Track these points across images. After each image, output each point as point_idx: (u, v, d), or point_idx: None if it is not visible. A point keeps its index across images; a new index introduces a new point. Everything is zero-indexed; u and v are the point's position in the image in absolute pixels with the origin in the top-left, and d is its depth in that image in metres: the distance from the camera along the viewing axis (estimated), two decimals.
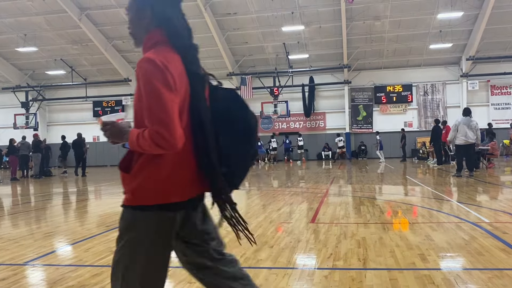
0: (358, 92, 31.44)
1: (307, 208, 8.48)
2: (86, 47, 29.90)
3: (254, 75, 30.31)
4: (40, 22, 27.41)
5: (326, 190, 11.55)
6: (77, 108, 34.88)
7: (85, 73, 32.68)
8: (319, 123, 32.09)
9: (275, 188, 12.57)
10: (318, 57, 30.38)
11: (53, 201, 11.65)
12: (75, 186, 16.40)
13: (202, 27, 27.26)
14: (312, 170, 21.04)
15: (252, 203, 9.47)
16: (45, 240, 6.12)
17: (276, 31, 27.58)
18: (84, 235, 6.38)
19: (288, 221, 7.11)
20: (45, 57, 31.10)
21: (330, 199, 9.77)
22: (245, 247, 5.24)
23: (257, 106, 31.05)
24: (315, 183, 13.75)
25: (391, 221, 7.01)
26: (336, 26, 27.07)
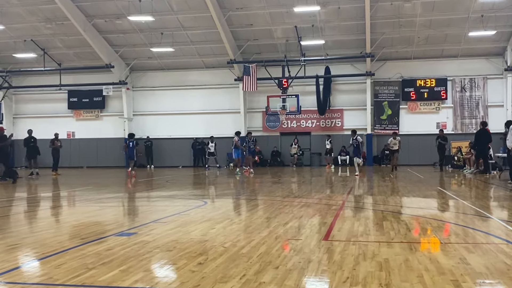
0: (383, 86, 31.43)
1: (319, 222, 8.47)
2: (61, 26, 29.98)
3: (260, 63, 30.34)
4: None
5: (343, 202, 11.53)
6: (49, 98, 35.00)
7: (59, 57, 32.77)
8: (336, 122, 32.09)
9: (281, 198, 12.57)
10: (336, 44, 30.38)
11: (18, 207, 11.68)
12: (45, 190, 16.44)
13: (199, 5, 27.35)
14: (326, 177, 21.02)
15: (254, 216, 9.47)
16: (8, 254, 6.13)
17: (287, 12, 27.60)
18: (55, 248, 6.39)
19: (296, 237, 7.09)
20: (13, 37, 31.21)
21: (347, 213, 9.75)
22: (246, 267, 5.24)
23: (263, 100, 31.11)
24: (329, 193, 13.73)
25: (419, 240, 6.96)
26: (358, 7, 27.06)
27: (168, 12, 28.24)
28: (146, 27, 29.60)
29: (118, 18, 28.99)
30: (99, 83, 33.26)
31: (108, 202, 12.22)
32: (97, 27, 30.17)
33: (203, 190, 15.77)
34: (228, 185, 17.25)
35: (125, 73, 33.57)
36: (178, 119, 33.27)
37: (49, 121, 33.96)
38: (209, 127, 32.44)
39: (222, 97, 33.05)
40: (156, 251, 6.15)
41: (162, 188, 16.70)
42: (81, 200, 13.27)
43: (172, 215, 9.74)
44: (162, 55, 32.32)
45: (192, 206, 10.98)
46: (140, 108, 34.35)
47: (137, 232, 7.51)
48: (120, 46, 31.96)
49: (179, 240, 6.89)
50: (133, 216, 10.08)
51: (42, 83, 34.07)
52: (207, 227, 7.98)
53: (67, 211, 11.34)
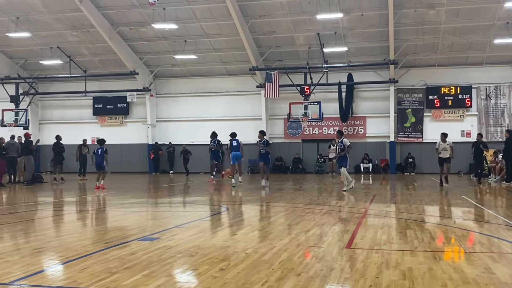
0: (406, 93, 31.18)
1: (341, 230, 8.43)
2: (87, 34, 30.46)
3: (282, 70, 30.35)
4: (35, 4, 28.06)
5: (365, 209, 11.46)
6: (74, 104, 35.52)
7: (85, 64, 33.28)
8: (358, 129, 31.90)
9: (303, 205, 12.53)
10: (359, 51, 30.27)
11: (44, 211, 11.85)
12: (70, 195, 16.66)
13: (222, 13, 27.53)
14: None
15: (275, 222, 9.46)
16: (33, 257, 6.23)
17: (309, 19, 27.62)
18: (79, 252, 6.47)
19: (318, 245, 7.08)
20: (40, 44, 31.80)
21: (370, 221, 9.69)
22: (267, 274, 5.23)
23: (284, 107, 31.09)
24: (351, 200, 13.66)
25: (443, 249, 6.90)
26: (382, 14, 26.95)
27: (192, 20, 28.48)
28: (170, 34, 29.88)
29: (143, 26, 29.33)
30: (123, 89, 33.63)
31: (131, 207, 12.33)
32: (122, 34, 30.57)
33: (225, 196, 15.80)
34: (250, 192, 17.26)
35: (149, 80, 33.91)
36: (201, 125, 33.42)
37: (74, 127, 34.43)
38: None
39: (244, 104, 33.14)
40: (179, 256, 6.18)
41: (183, 194, 16.79)
42: (105, 205, 13.41)
43: (194, 220, 9.78)
44: (185, 62, 32.57)
45: (213, 212, 11.02)
46: (164, 115, 34.62)
47: (159, 237, 7.57)
48: (144, 54, 32.30)
49: (201, 245, 6.92)
50: (156, 221, 10.14)
51: (67, 90, 34.58)
52: (228, 233, 8.00)
53: (91, 216, 11.48)
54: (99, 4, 28.00)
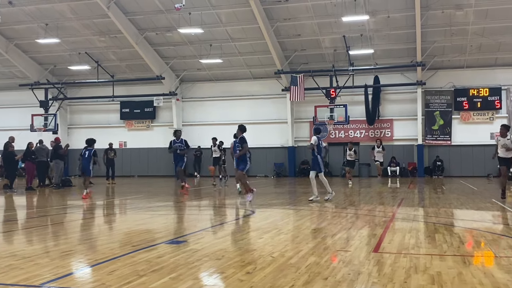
0: (434, 95, 30.79)
1: (369, 234, 8.36)
2: (114, 39, 30.90)
3: (307, 73, 30.29)
4: (63, 10, 28.59)
5: (393, 213, 11.34)
6: (102, 109, 36.03)
7: (112, 69, 33.74)
8: (385, 132, 31.61)
9: (329, 209, 12.46)
10: (386, 53, 30.02)
11: (72, 215, 12.04)
12: (98, 198, 16.87)
13: (247, 17, 27.63)
14: (376, 189, 20.72)
15: (302, 226, 9.43)
16: (63, 260, 6.32)
17: (335, 22, 27.51)
18: (107, 255, 6.55)
19: (345, 248, 7.03)
20: (68, 50, 32.37)
21: (398, 225, 9.59)
22: (294, 277, 5.22)
23: (310, 110, 31.00)
24: (379, 204, 13.53)
25: (473, 253, 6.80)
26: (408, 16, 26.68)
27: (217, 24, 28.65)
28: (196, 39, 30.10)
29: (169, 31, 29.62)
30: (150, 94, 33.99)
31: (158, 211, 12.44)
32: (149, 39, 30.91)
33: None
34: (276, 195, 17.25)
35: (175, 84, 34.19)
36: (226, 129, 33.43)
37: (102, 131, 34.87)
38: (256, 137, 32.54)
39: (269, 107, 33.15)
40: (205, 260, 6.20)
41: (210, 197, 16.87)
42: (132, 208, 13.56)
43: (220, 224, 9.82)
44: (210, 66, 32.76)
45: (240, 216, 11.04)
46: (190, 118, 34.86)
47: (186, 241, 7.61)
48: (171, 58, 32.60)
49: (227, 249, 6.93)
50: (183, 224, 10.21)
51: (95, 95, 35.10)
52: (255, 237, 8.01)
53: (118, 219, 11.61)
54: (126, 9, 28.38)
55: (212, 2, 26.96)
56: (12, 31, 31.06)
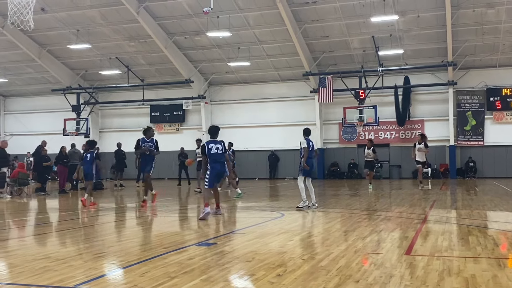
0: (466, 95, 30.26)
1: (400, 236, 8.27)
2: (144, 44, 31.28)
3: (336, 75, 30.11)
4: (94, 16, 29.09)
5: (425, 215, 11.19)
6: (132, 113, 36.50)
7: (142, 73, 34.16)
8: (416, 133, 31.17)
9: (359, 211, 12.36)
10: (416, 53, 29.65)
11: (104, 217, 12.22)
12: (129, 201, 17.11)
13: (275, 19, 27.63)
14: (407, 190, 20.47)
15: (331, 228, 9.38)
16: (95, 262, 6.43)
17: (364, 22, 27.29)
18: (139, 257, 6.63)
19: (377, 251, 6.97)
20: (99, 55, 32.90)
21: (430, 227, 9.46)
22: (325, 280, 5.19)
23: (339, 112, 30.82)
24: (410, 206, 13.36)
25: (508, 256, 6.67)
26: (439, 15, 26.31)
27: (245, 27, 28.74)
28: (224, 42, 30.25)
29: (197, 35, 29.84)
30: (179, 97, 34.28)
31: (188, 213, 12.52)
32: (178, 43, 31.20)
33: (280, 202, 15.81)
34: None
35: (204, 88, 34.42)
36: (255, 131, 33.62)
37: (133, 134, 35.19)
38: (285, 139, 32.56)
39: (297, 109, 33.07)
40: (236, 262, 6.22)
41: (239, 200, 16.90)
42: (163, 210, 13.68)
43: (250, 226, 9.83)
44: (239, 69, 32.88)
45: (269, 218, 11.04)
46: (218, 121, 34.99)
47: (216, 243, 7.65)
48: (199, 62, 32.84)
49: (257, 251, 6.94)
50: (212, 226, 10.26)
51: (126, 99, 35.59)
52: (285, 239, 7.99)
53: (149, 221, 11.74)
54: (155, 14, 28.71)
55: (240, 5, 27.07)
56: (45, 38, 31.73)
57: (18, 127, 38.71)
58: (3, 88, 38.40)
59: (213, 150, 11.21)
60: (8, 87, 38.23)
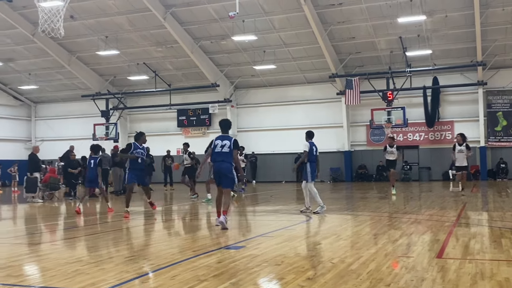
0: (496, 95, 29.70)
1: (431, 239, 8.16)
2: (170, 49, 31.58)
3: (363, 76, 29.89)
4: (122, 23, 29.50)
5: (456, 218, 11.01)
6: (160, 117, 36.85)
7: (169, 78, 34.48)
8: (446, 135, 30.75)
9: (389, 214, 12.22)
10: (444, 53, 29.25)
11: (133, 221, 12.35)
12: (157, 204, 17.23)
13: (300, 22, 27.59)
14: (437, 193, 20.17)
15: (361, 232, 9.30)
16: (126, 265, 6.50)
17: (390, 23, 27.04)
18: (169, 260, 6.68)
19: (407, 254, 6.89)
20: (127, 61, 33.33)
21: (461, 230, 9.30)
22: (355, 284, 5.15)
23: (367, 114, 30.59)
24: (441, 209, 13.17)
25: None
26: (467, 15, 25.90)
27: (270, 31, 28.76)
28: (249, 46, 30.32)
29: (223, 39, 29.99)
30: (205, 101, 34.49)
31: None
32: (204, 48, 31.39)
33: None
34: (334, 201, 17.08)
35: (230, 91, 34.55)
36: (281, 134, 33.57)
37: (160, 138, 35.61)
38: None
39: (324, 111, 32.91)
40: (265, 265, 6.22)
41: (267, 203, 16.91)
42: (190, 213, 13.76)
43: (278, 229, 9.82)
44: (264, 72, 32.90)
45: (297, 221, 11.01)
46: (244, 125, 35.11)
47: (245, 246, 7.66)
48: (225, 66, 32.99)
49: (286, 254, 6.93)
50: (241, 230, 10.28)
51: (153, 103, 35.94)
52: (313, 242, 7.96)
53: (177, 224, 11.82)
54: (182, 20, 28.95)
55: (265, 8, 27.11)
56: (74, 44, 32.30)
57: (49, 133, 39.45)
58: (34, 94, 39.23)
59: (217, 148, 9.71)
60: (39, 94, 39.04)
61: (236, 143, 9.82)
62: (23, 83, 36.85)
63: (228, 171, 9.60)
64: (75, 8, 27.05)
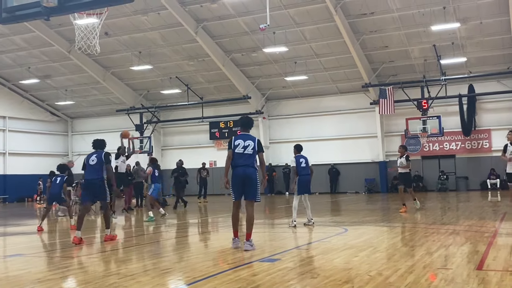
0: None
1: (470, 251, 7.98)
2: (202, 63, 31.94)
3: (397, 85, 29.60)
4: (155, 38, 30.01)
5: (496, 228, 10.75)
6: (192, 130, 37.20)
7: (201, 91, 34.84)
8: (483, 143, 30.13)
9: (426, 225, 12.01)
10: (480, 61, 28.74)
11: (168, 233, 12.46)
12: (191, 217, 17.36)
13: (332, 32, 27.56)
14: (475, 203, 19.74)
15: (398, 244, 9.17)
16: (162, 278, 6.56)
17: (424, 31, 26.77)
18: (204, 273, 6.71)
19: (446, 266, 6.75)
20: (160, 75, 33.85)
21: (502, 240, 9.08)
22: None
23: (401, 123, 30.26)
24: (479, 219, 12.87)
25: None
26: (503, 21, 25.42)
27: (301, 41, 28.80)
28: (280, 57, 30.41)
29: (254, 51, 30.17)
30: (237, 113, 34.59)
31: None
32: (235, 61, 31.63)
33: (343, 217, 15.61)
34: (369, 212, 16.89)
35: (261, 103, 34.66)
36: (314, 145, 33.36)
37: (193, 151, 35.94)
38: (345, 152, 32.26)
39: (357, 121, 32.67)
40: (301, 278, 6.19)
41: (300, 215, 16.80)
42: (225, 226, 13.81)
43: (313, 242, 9.76)
44: (296, 83, 32.91)
45: (332, 233, 10.92)
46: (276, 136, 35.11)
47: (280, 259, 7.63)
48: (256, 78, 33.14)
49: (322, 267, 6.87)
50: (275, 242, 10.25)
51: (186, 117, 36.36)
52: (349, 255, 7.87)
53: (213, 237, 11.87)
54: (213, 33, 29.27)
55: (296, 20, 27.17)
56: (108, 60, 33.00)
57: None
58: (71, 110, 40.18)
59: (238, 148, 8.62)
60: (75, 109, 39.97)
61: (261, 144, 8.79)
62: (60, 99, 37.79)
63: (254, 178, 8.55)
64: (109, 25, 27.64)
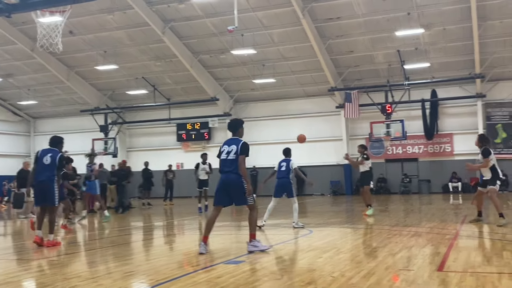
0: (495, 108, 29.74)
1: (432, 252, 8.12)
2: (169, 64, 31.68)
3: (362, 89, 29.99)
4: (121, 37, 29.62)
5: (457, 231, 10.98)
6: (159, 131, 36.85)
7: (168, 93, 34.54)
8: (445, 147, 30.78)
9: (389, 227, 12.18)
10: (442, 66, 29.35)
11: (133, 236, 12.31)
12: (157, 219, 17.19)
13: (299, 36, 27.72)
14: (437, 205, 20.14)
15: (361, 245, 9.27)
16: (125, 280, 6.46)
17: (388, 37, 27.19)
18: (168, 276, 6.64)
19: (408, 268, 6.85)
20: (126, 75, 33.42)
21: (462, 242, 9.27)
22: None
23: (365, 127, 30.60)
24: (441, 221, 13.14)
25: None
26: (465, 27, 26.04)
27: (270, 44, 28.88)
28: (249, 60, 30.43)
29: (222, 53, 30.10)
30: (205, 115, 34.51)
31: (216, 231, 12.49)
32: (203, 62, 31.50)
33: (308, 219, 15.70)
34: (334, 214, 17.04)
35: (229, 105, 34.59)
36: (281, 148, 33.37)
37: (160, 153, 35.58)
38: (311, 155, 32.43)
39: (323, 125, 32.92)
40: (265, 279, 6.19)
41: (287, 217, 16.82)
42: (190, 228, 13.72)
43: (279, 243, 9.78)
44: (264, 86, 32.98)
45: (298, 235, 10.97)
46: (245, 138, 34.93)
47: (245, 261, 7.62)
48: (224, 80, 33.07)
49: (286, 268, 6.90)
50: (240, 244, 10.22)
51: (152, 118, 35.95)
52: (314, 256, 7.92)
53: (178, 240, 11.77)
54: (181, 34, 29.08)
55: (264, 22, 27.25)
56: (73, 60, 32.40)
57: None
58: (33, 110, 39.29)
59: (223, 154, 8.80)
60: (38, 109, 39.10)
61: (244, 147, 8.71)
62: (22, 99, 36.88)
63: (238, 183, 8.39)
64: (74, 24, 27.13)
